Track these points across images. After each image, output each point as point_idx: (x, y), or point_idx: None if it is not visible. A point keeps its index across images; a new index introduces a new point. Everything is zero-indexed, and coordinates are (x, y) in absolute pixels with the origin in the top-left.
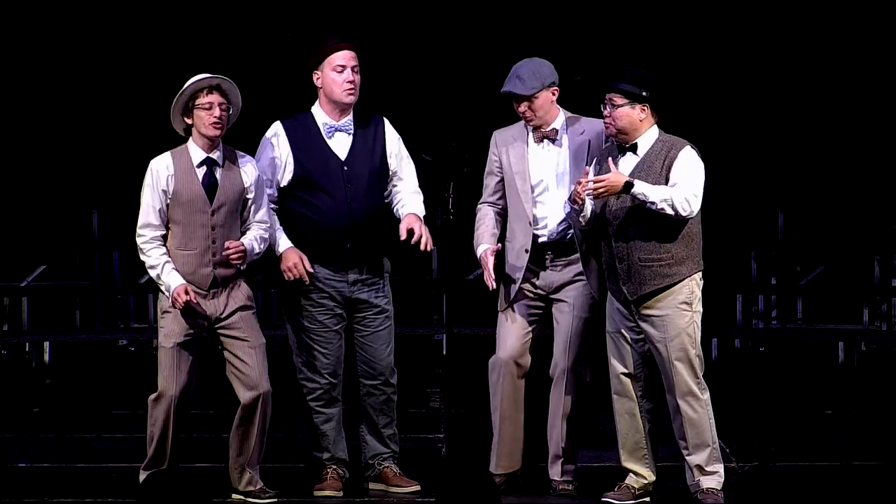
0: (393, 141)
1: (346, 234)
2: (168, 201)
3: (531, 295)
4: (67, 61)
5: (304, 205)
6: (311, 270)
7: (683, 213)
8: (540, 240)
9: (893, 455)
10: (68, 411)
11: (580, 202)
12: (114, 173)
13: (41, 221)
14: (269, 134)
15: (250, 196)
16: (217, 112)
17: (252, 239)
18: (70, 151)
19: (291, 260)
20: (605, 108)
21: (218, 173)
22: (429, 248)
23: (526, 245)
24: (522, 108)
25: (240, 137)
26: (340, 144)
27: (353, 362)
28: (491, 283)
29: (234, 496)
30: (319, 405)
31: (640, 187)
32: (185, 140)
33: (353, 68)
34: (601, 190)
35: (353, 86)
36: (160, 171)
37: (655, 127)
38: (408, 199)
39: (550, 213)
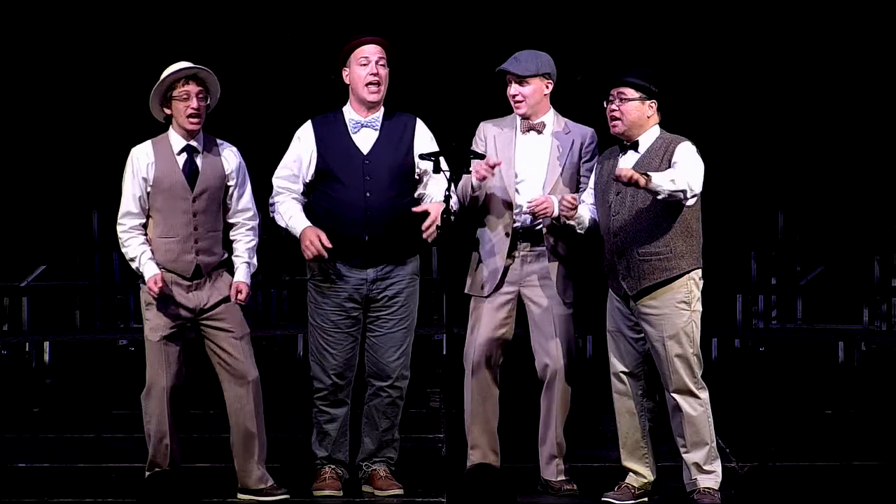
0: (423, 141)
1: (362, 226)
2: (149, 189)
3: (502, 292)
4: (67, 61)
5: (324, 198)
6: (329, 246)
7: (695, 191)
8: (514, 226)
9: (893, 455)
10: (68, 411)
11: (568, 216)
12: (114, 173)
13: (41, 221)
14: (298, 131)
15: (231, 182)
16: (194, 103)
17: (247, 261)
18: (70, 151)
19: (309, 237)
20: (611, 104)
21: (199, 160)
22: (427, 239)
23: (507, 229)
24: (514, 89)
25: (232, 136)
26: (365, 139)
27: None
28: (486, 169)
29: (244, 496)
30: (324, 404)
31: (656, 178)
32: (165, 128)
33: (377, 61)
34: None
35: (376, 79)
36: (140, 158)
37: (657, 126)
38: (437, 195)
39: (526, 203)
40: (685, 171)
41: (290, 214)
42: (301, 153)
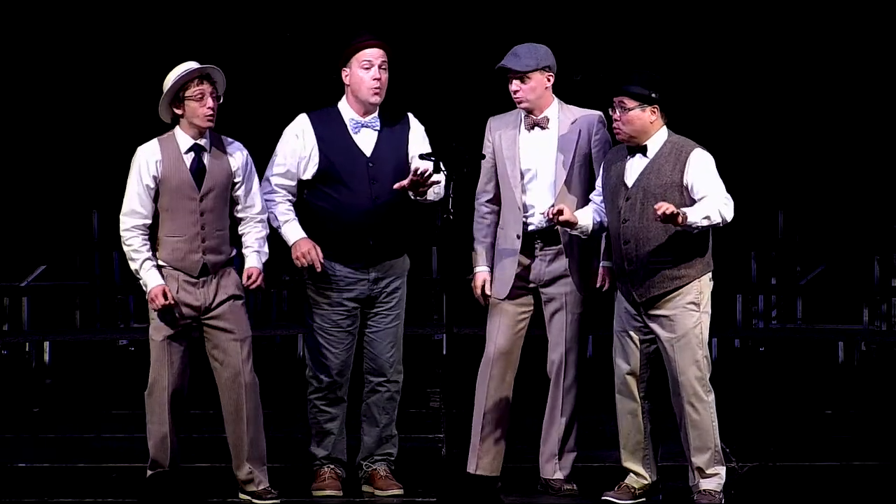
0: (417, 138)
1: (370, 231)
2: (156, 188)
3: (521, 288)
4: (68, 62)
5: (327, 200)
6: (322, 261)
7: (728, 220)
8: (529, 228)
9: (893, 455)
10: (68, 411)
11: (567, 225)
12: (114, 173)
13: (41, 221)
14: (294, 126)
15: (238, 180)
16: (210, 102)
17: (257, 250)
18: (70, 151)
19: (303, 248)
20: (614, 112)
21: (206, 159)
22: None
23: (517, 231)
24: (515, 86)
25: (232, 135)
26: (366, 140)
27: (361, 360)
28: (481, 300)
29: (244, 496)
30: (324, 404)
31: (691, 216)
32: (170, 127)
33: (380, 66)
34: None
35: (378, 84)
36: (147, 156)
37: (665, 128)
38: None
39: (538, 202)
40: (715, 202)
41: (286, 219)
42: (300, 150)
